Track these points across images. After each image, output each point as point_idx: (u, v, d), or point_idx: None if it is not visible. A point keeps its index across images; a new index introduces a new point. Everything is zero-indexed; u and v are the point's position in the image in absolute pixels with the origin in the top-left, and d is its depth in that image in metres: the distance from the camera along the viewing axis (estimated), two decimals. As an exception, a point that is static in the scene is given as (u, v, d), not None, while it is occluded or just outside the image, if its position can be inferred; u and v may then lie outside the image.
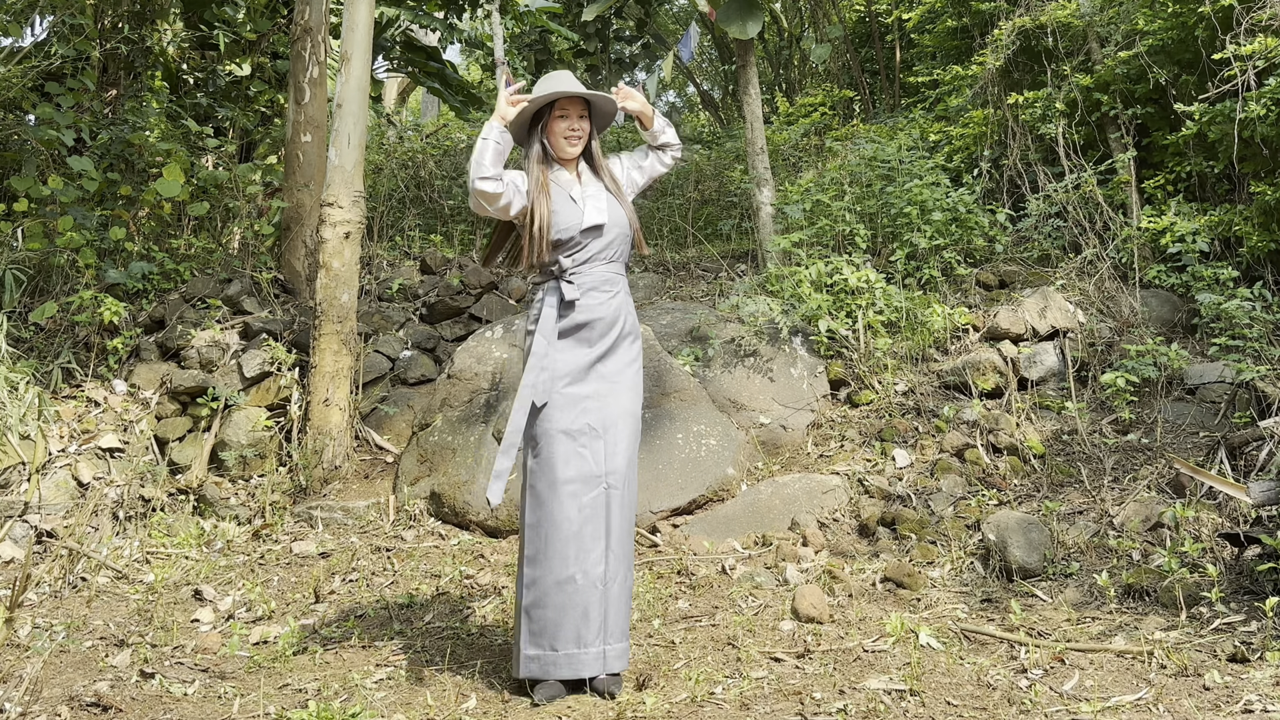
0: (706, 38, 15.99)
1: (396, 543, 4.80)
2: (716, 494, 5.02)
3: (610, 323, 3.15)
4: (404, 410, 5.80)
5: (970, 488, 4.86)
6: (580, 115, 3.22)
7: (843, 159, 7.59)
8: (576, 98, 3.20)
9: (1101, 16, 7.21)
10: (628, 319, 3.21)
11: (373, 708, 2.91)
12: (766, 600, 3.91)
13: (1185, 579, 3.66)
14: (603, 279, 3.17)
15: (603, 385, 3.11)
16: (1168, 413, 5.28)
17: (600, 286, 3.16)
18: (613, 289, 3.18)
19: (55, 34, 6.86)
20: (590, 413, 3.06)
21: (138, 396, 5.71)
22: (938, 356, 5.89)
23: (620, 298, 3.20)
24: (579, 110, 3.21)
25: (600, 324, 3.13)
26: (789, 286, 6.15)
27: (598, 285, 3.16)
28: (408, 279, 7.13)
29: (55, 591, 4.14)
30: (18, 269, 5.91)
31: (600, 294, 3.15)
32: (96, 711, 2.93)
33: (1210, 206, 6.49)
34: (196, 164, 7.22)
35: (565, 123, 3.22)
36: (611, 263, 3.21)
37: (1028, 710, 2.80)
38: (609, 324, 3.15)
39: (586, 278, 3.15)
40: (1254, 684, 2.88)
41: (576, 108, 3.21)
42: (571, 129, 3.21)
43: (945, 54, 10.00)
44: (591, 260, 3.16)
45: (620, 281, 3.23)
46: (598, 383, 3.11)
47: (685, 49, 7.73)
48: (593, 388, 3.10)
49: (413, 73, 10.22)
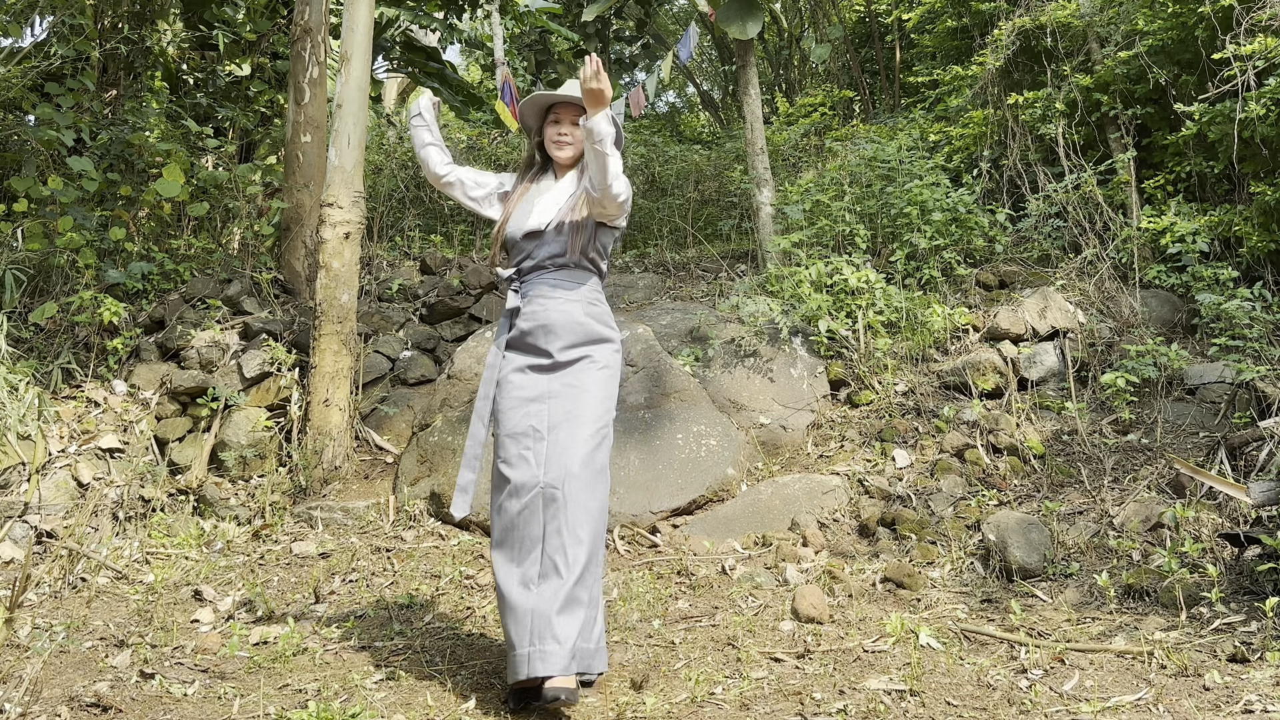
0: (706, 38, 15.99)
1: (396, 543, 4.80)
2: (716, 494, 5.02)
3: (562, 329, 3.05)
4: (404, 410, 5.80)
5: (970, 488, 4.86)
6: (572, 121, 3.22)
7: (842, 159, 7.59)
8: (570, 103, 3.20)
9: (1101, 16, 7.21)
10: (585, 327, 3.08)
11: (373, 708, 2.91)
12: (766, 600, 3.91)
13: (1185, 579, 3.66)
14: (548, 286, 3.10)
15: (554, 389, 3.03)
16: (1168, 413, 5.28)
17: (545, 293, 3.09)
18: (563, 295, 3.09)
19: (55, 34, 6.86)
20: (534, 416, 2.99)
21: (138, 397, 5.71)
22: (938, 357, 5.89)
23: (574, 305, 3.08)
24: (571, 115, 3.22)
25: (546, 331, 3.05)
26: (789, 287, 6.15)
27: (545, 293, 3.10)
28: (408, 279, 7.13)
29: (55, 592, 4.14)
30: (18, 269, 5.91)
31: (546, 300, 3.08)
32: (96, 712, 2.93)
33: (1210, 206, 6.50)
34: (196, 164, 7.22)
35: (556, 127, 3.24)
36: (562, 269, 3.12)
37: (1028, 710, 2.80)
38: (559, 330, 3.05)
39: (533, 285, 3.12)
40: (1254, 684, 2.88)
41: (569, 112, 3.22)
42: (561, 134, 3.22)
43: (945, 54, 10.01)
44: (539, 267, 3.13)
45: (577, 289, 3.11)
46: (548, 388, 3.03)
47: (684, 49, 7.73)
48: (542, 392, 3.03)
49: (413, 73, 10.22)
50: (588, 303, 3.12)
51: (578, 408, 3.00)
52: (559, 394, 3.02)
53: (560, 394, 3.02)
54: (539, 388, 3.05)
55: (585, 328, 3.08)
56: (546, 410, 3.00)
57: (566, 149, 3.23)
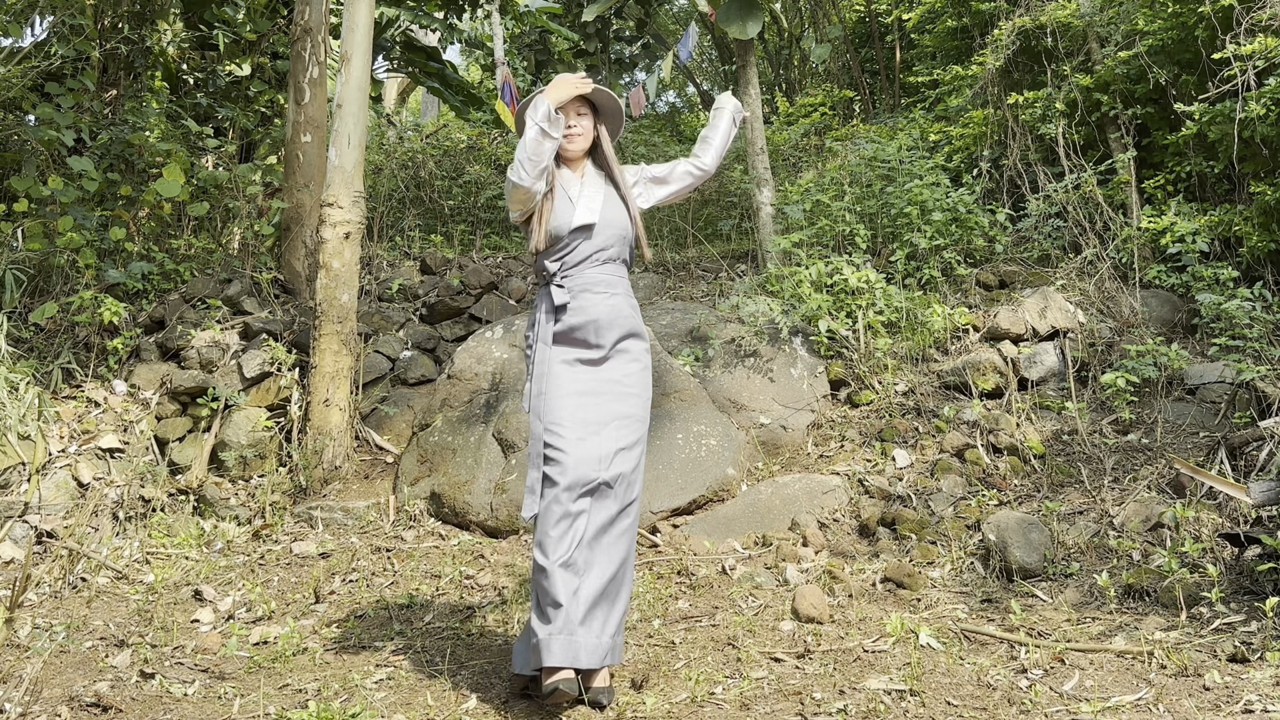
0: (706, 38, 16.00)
1: (396, 543, 4.80)
2: (717, 494, 5.02)
3: (608, 324, 3.11)
4: (404, 410, 5.80)
5: (970, 488, 4.86)
6: (579, 112, 3.22)
7: (843, 159, 7.59)
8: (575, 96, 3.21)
9: (1101, 16, 7.21)
10: (629, 320, 3.16)
11: (373, 708, 2.91)
12: (766, 600, 3.91)
13: (1185, 579, 3.65)
14: (595, 281, 3.14)
15: (601, 387, 3.08)
16: (1168, 413, 5.28)
17: (593, 288, 3.13)
18: (609, 290, 3.14)
19: (55, 34, 6.86)
20: (586, 409, 3.04)
21: (138, 397, 5.71)
22: (938, 357, 5.89)
23: (618, 299, 3.15)
24: (577, 108, 3.22)
25: (594, 326, 3.10)
26: (789, 286, 6.15)
27: (590, 287, 3.13)
28: (408, 279, 7.13)
29: (55, 592, 4.14)
30: (18, 269, 5.91)
31: (593, 295, 3.12)
32: (96, 712, 2.93)
33: (1210, 206, 6.49)
34: (196, 164, 7.22)
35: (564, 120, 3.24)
36: (607, 264, 3.18)
37: (1028, 710, 2.80)
38: (605, 325, 3.11)
39: (578, 280, 3.14)
40: (1254, 684, 2.88)
41: (575, 105, 3.22)
42: (569, 125, 3.22)
43: (945, 54, 10.01)
44: (584, 262, 3.15)
45: (619, 283, 3.18)
46: (596, 384, 3.08)
47: (684, 48, 7.74)
48: (591, 385, 3.08)
49: (413, 73, 10.22)
50: (629, 296, 3.22)
51: (629, 407, 3.08)
52: (609, 390, 3.08)
53: (610, 390, 3.08)
54: (589, 381, 3.09)
55: (631, 321, 3.17)
56: (597, 405, 3.05)
57: (577, 140, 3.24)
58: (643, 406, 3.14)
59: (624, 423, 3.06)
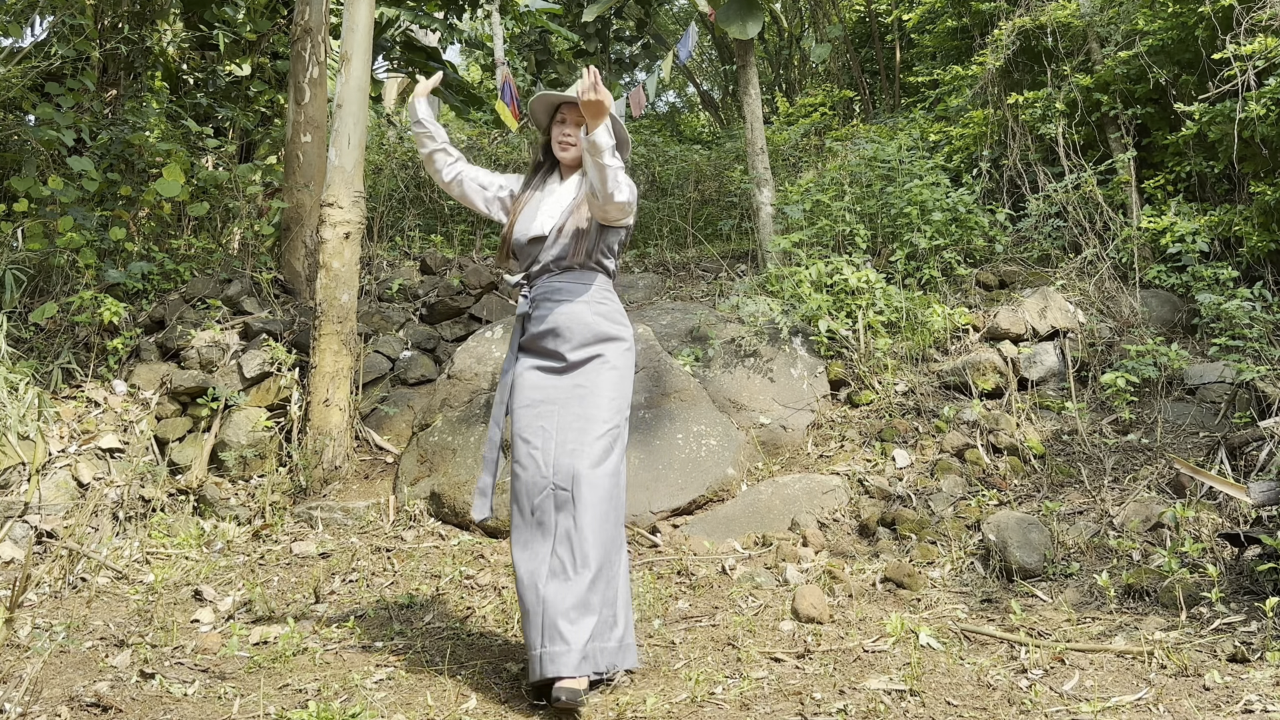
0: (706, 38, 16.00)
1: (396, 543, 4.80)
2: (716, 494, 5.02)
3: (567, 332, 3.08)
4: (404, 410, 5.80)
5: (970, 488, 4.86)
6: (576, 122, 3.22)
7: (843, 159, 7.59)
8: (573, 104, 3.21)
9: (1101, 16, 7.21)
10: (593, 327, 3.09)
11: (373, 708, 2.91)
12: (766, 600, 3.91)
13: (1185, 579, 3.65)
14: (554, 289, 3.14)
15: (565, 390, 3.06)
16: (1168, 413, 5.28)
17: (552, 296, 3.13)
18: (569, 297, 3.11)
19: (55, 34, 6.86)
20: (544, 417, 3.03)
21: (138, 397, 5.71)
22: (938, 357, 5.89)
23: (581, 306, 3.10)
24: (575, 116, 3.22)
25: (555, 333, 3.09)
26: (789, 286, 6.15)
27: (549, 295, 3.14)
28: (408, 279, 7.13)
29: (55, 592, 4.14)
30: (18, 269, 5.91)
31: (553, 303, 3.12)
32: (96, 712, 2.93)
33: (1210, 206, 6.50)
34: (196, 164, 7.22)
35: (561, 128, 3.26)
36: (568, 271, 3.15)
37: (1028, 710, 2.80)
38: (565, 333, 3.09)
39: (539, 289, 3.17)
40: (1254, 684, 2.88)
41: (574, 114, 3.22)
42: (565, 134, 3.24)
43: (945, 54, 10.01)
44: (545, 270, 3.17)
45: (582, 290, 3.13)
46: (556, 390, 3.07)
47: (684, 48, 7.74)
48: (552, 393, 3.07)
49: (413, 73, 10.22)
50: (595, 302, 3.14)
51: (587, 409, 3.03)
52: (570, 395, 3.06)
53: (571, 395, 3.05)
54: (550, 389, 3.08)
55: (594, 327, 3.11)
56: (556, 411, 3.04)
57: (570, 150, 3.24)
58: (608, 407, 3.04)
59: (584, 425, 2.99)
